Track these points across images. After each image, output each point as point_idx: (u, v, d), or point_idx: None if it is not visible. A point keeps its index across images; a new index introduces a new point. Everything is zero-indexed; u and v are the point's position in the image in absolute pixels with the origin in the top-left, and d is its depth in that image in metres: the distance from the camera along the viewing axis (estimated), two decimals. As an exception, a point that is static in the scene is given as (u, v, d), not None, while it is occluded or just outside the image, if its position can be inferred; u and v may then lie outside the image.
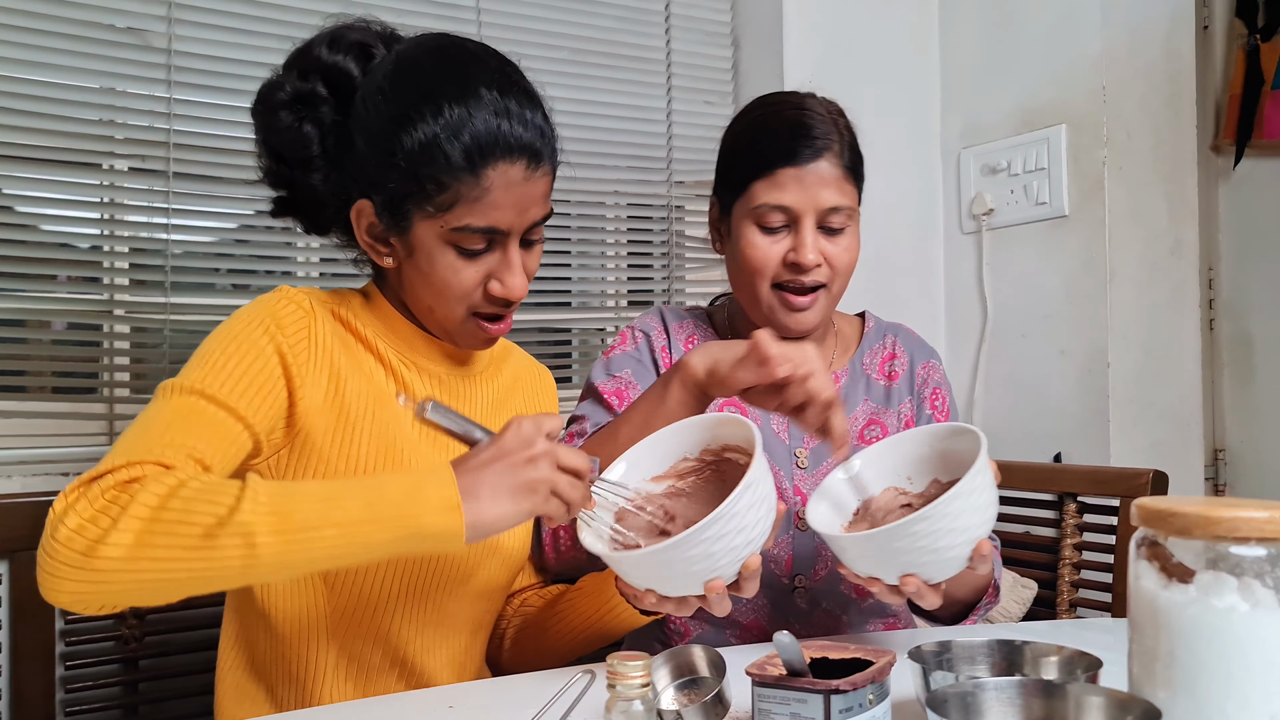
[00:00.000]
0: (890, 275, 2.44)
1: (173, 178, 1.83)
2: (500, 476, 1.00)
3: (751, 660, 0.89)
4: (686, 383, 1.23)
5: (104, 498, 0.95)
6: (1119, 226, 2.22)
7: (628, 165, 2.32)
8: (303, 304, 1.18)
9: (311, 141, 1.19)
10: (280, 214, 1.27)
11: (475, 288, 1.18)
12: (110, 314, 1.81)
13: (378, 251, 1.21)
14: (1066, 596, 1.88)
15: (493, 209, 1.14)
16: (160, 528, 0.93)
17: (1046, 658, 0.95)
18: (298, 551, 0.96)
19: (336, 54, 1.20)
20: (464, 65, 1.16)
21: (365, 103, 1.17)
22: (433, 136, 1.11)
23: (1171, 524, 0.77)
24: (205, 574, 0.95)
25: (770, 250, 1.40)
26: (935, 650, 0.97)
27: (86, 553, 0.93)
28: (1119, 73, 2.24)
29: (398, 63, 1.17)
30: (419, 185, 1.12)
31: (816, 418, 1.15)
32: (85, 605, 0.97)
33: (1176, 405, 2.32)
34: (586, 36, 2.27)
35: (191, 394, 1.08)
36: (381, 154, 1.14)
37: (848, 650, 0.91)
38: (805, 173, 1.38)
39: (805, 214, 1.38)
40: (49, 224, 1.80)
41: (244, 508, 0.94)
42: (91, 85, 1.79)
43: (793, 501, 1.42)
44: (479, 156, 1.12)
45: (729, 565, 1.02)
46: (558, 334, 2.37)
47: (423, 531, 0.98)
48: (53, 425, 1.75)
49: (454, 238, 1.14)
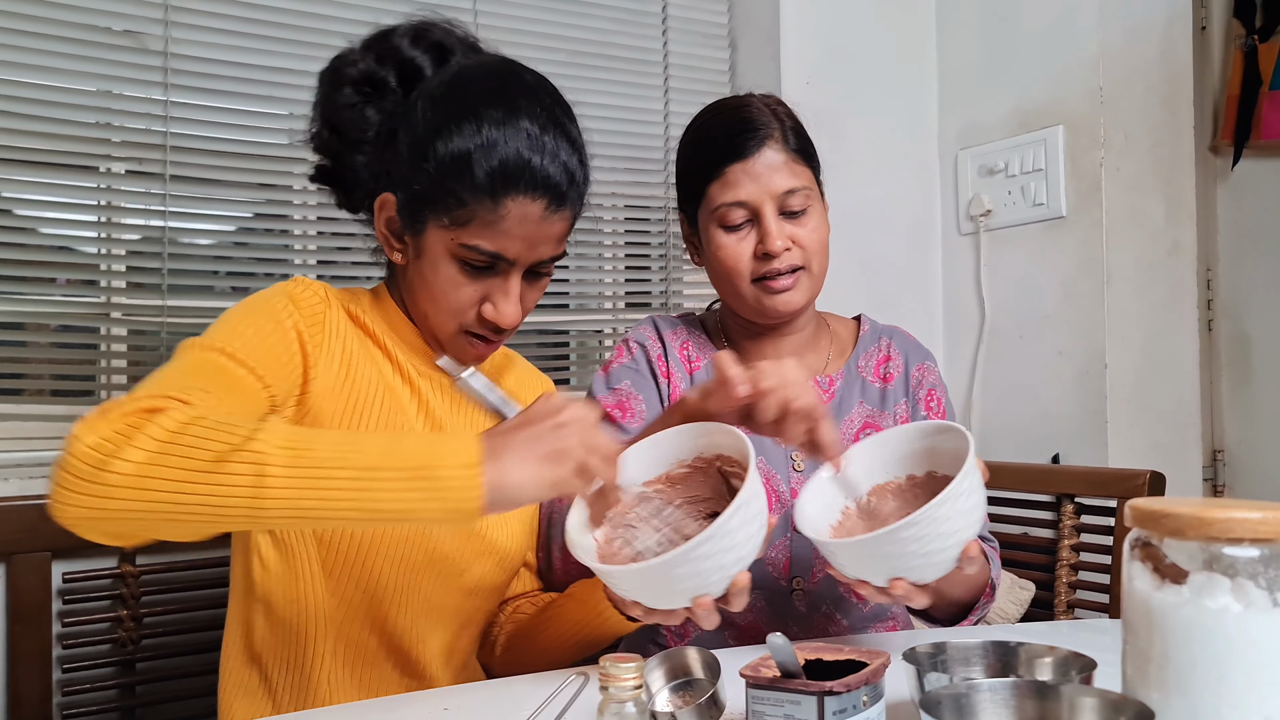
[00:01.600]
0: (888, 276, 2.45)
1: (170, 180, 1.83)
2: (526, 442, 0.98)
3: (746, 662, 0.89)
4: (688, 415, 1.21)
5: (123, 420, 0.94)
6: (1116, 228, 2.22)
7: (625, 167, 2.32)
8: (319, 291, 1.21)
9: (370, 125, 1.22)
10: (317, 180, 1.30)
11: (470, 306, 1.19)
12: (107, 317, 1.81)
13: (391, 245, 1.23)
14: (1064, 598, 1.88)
15: (503, 237, 1.15)
16: (174, 449, 0.93)
17: (1041, 659, 0.95)
18: (308, 492, 0.93)
19: (416, 49, 1.23)
20: (515, 94, 1.18)
21: (418, 102, 1.19)
22: (465, 151, 1.13)
23: (1165, 525, 0.77)
24: (213, 503, 0.93)
25: (739, 248, 1.41)
26: (930, 652, 0.96)
27: (98, 466, 0.91)
28: (1116, 74, 2.24)
29: (459, 74, 1.20)
30: (440, 195, 1.14)
31: (796, 430, 1.13)
32: (92, 526, 0.95)
33: (1174, 406, 2.32)
34: (583, 38, 2.27)
35: (213, 350, 1.09)
36: (416, 155, 1.16)
37: (842, 652, 0.90)
38: (752, 164, 1.39)
39: (763, 203, 1.39)
40: (46, 227, 1.80)
41: (259, 438, 0.93)
42: (88, 88, 1.79)
43: (789, 504, 1.42)
44: (502, 183, 1.13)
45: (718, 582, 1.01)
46: (555, 336, 2.37)
47: (439, 487, 0.94)
48: (50, 428, 1.75)
49: (461, 253, 1.16)
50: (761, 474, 1.43)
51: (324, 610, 1.20)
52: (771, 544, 1.41)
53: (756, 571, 1.36)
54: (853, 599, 1.43)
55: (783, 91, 2.33)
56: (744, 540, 1.00)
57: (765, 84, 2.35)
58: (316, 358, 1.16)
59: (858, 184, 2.41)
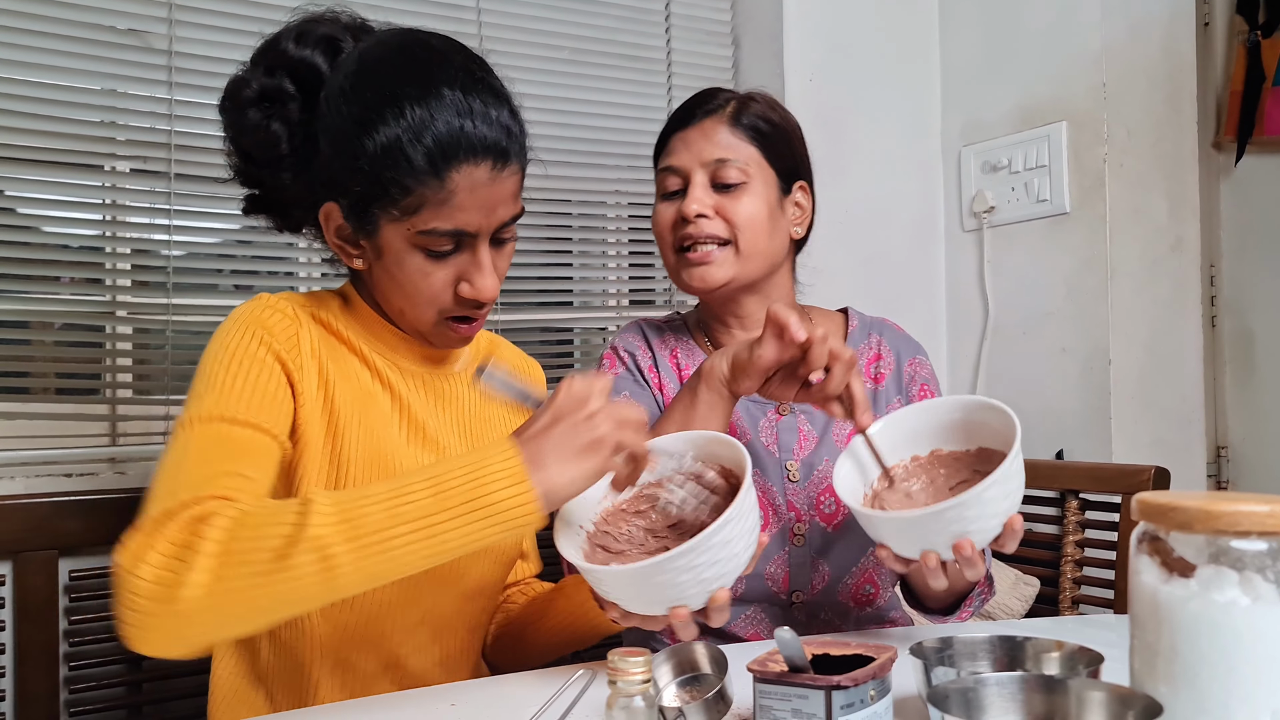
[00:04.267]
0: (891, 273, 2.45)
1: (174, 179, 1.83)
2: (562, 439, 0.97)
3: (753, 657, 0.89)
4: (712, 384, 1.22)
5: (173, 541, 0.93)
6: (1120, 224, 2.22)
7: (629, 165, 2.32)
8: (286, 311, 1.17)
9: (280, 140, 1.17)
10: (251, 212, 1.26)
11: (444, 289, 1.16)
12: (112, 315, 1.81)
13: (347, 253, 1.19)
14: (1069, 594, 1.89)
15: (459, 211, 1.11)
16: (234, 559, 0.91)
17: (1048, 653, 0.95)
18: (375, 560, 0.92)
19: (304, 49, 1.18)
20: (426, 64, 1.12)
21: (329, 103, 1.14)
22: (395, 139, 1.08)
23: (1172, 518, 0.77)
24: (288, 596, 0.92)
25: (666, 213, 1.43)
26: (937, 646, 0.97)
27: (167, 600, 0.91)
28: (1119, 70, 2.24)
29: (361, 61, 1.14)
30: (383, 189, 1.10)
31: (840, 381, 1.15)
32: (177, 650, 0.95)
33: (1178, 402, 2.32)
34: (587, 36, 2.27)
35: (212, 421, 1.06)
36: (345, 157, 1.11)
37: (849, 646, 0.91)
38: (691, 131, 1.41)
39: (693, 169, 1.40)
40: (51, 225, 1.80)
41: (312, 522, 0.91)
42: (93, 87, 1.79)
43: (786, 516, 1.41)
44: (442, 159, 1.09)
45: (696, 596, 1.00)
46: (559, 334, 2.37)
47: (496, 512, 0.94)
48: (55, 427, 1.75)
49: (421, 240, 1.12)
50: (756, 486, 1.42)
51: (319, 631, 1.18)
52: (770, 559, 1.40)
53: (756, 586, 1.36)
54: (852, 605, 1.43)
55: (785, 89, 2.33)
56: (728, 556, 0.99)
57: (768, 81, 2.34)
58: (299, 380, 1.14)
59: (860, 181, 2.41)
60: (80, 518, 1.50)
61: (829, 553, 1.40)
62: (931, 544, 1.07)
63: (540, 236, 2.28)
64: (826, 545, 1.40)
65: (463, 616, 1.27)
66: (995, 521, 1.06)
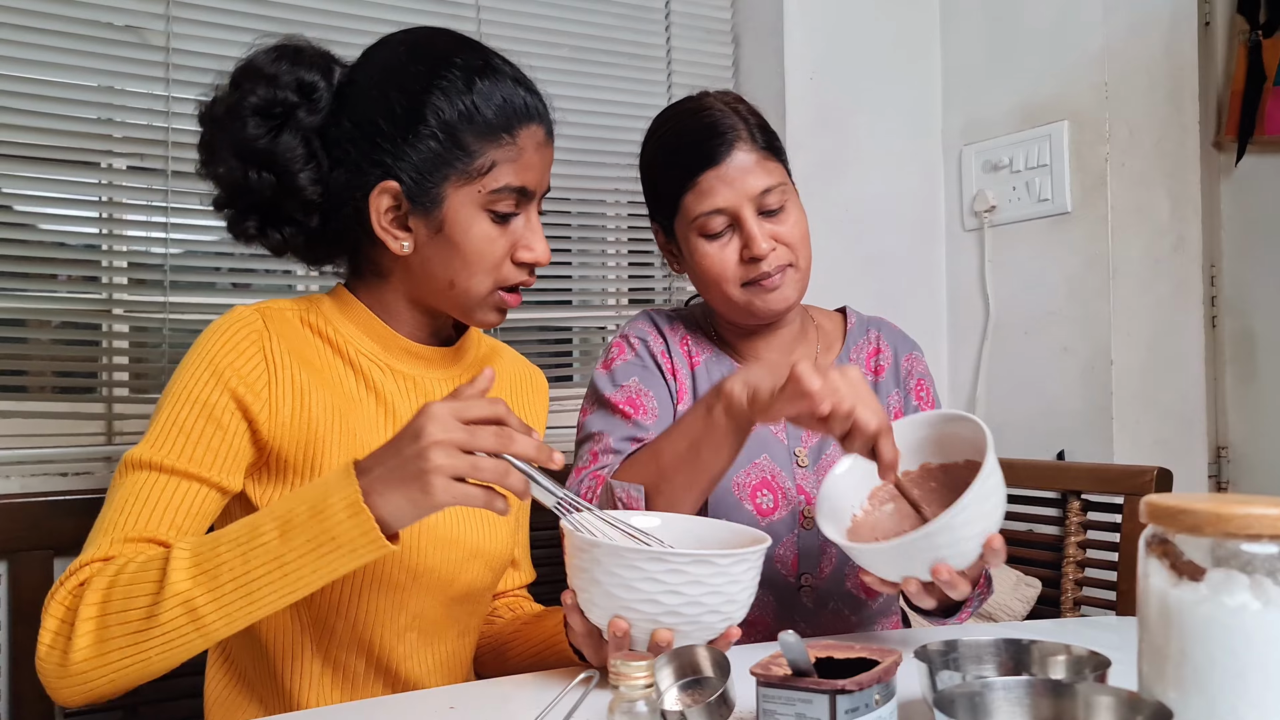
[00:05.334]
0: (891, 273, 2.44)
1: (171, 176, 1.82)
2: (395, 469, 0.97)
3: (756, 660, 0.88)
4: (731, 410, 1.19)
5: (62, 606, 1.03)
6: (1122, 223, 2.21)
7: (628, 163, 2.29)
8: (254, 325, 1.16)
9: (295, 147, 1.17)
10: (273, 246, 1.23)
11: (505, 257, 1.20)
12: (109, 313, 1.80)
13: (394, 237, 1.18)
14: (1071, 595, 1.88)
15: (527, 169, 1.17)
16: (110, 621, 0.99)
17: (1054, 657, 0.94)
18: (239, 603, 0.98)
19: (300, 68, 1.19)
20: (467, 41, 1.21)
21: (371, 91, 1.17)
22: (469, 103, 1.14)
23: (1182, 521, 0.76)
24: (169, 648, 0.99)
25: (723, 255, 1.39)
26: (941, 650, 0.96)
27: (62, 663, 1.00)
28: (1121, 68, 2.23)
29: (389, 49, 1.20)
30: (453, 152, 1.14)
31: (862, 448, 1.12)
32: (91, 701, 1.02)
33: (1180, 403, 2.31)
34: (586, 34, 2.26)
35: (144, 469, 1.10)
36: (406, 131, 1.14)
37: (853, 650, 0.90)
38: (725, 169, 1.37)
39: (742, 207, 1.37)
40: (47, 223, 1.79)
41: (171, 578, 0.97)
42: (90, 84, 1.78)
43: (796, 500, 1.41)
44: (514, 117, 1.16)
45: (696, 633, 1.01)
46: (558, 332, 2.37)
47: (341, 545, 0.96)
48: (51, 425, 1.74)
49: (490, 201, 1.16)
50: (766, 471, 1.42)
51: (308, 635, 1.18)
52: (779, 541, 1.40)
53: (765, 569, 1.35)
54: (861, 595, 1.43)
55: (785, 87, 2.32)
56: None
57: (768, 80, 2.34)
58: (263, 404, 1.13)
59: (861, 180, 2.40)
60: (76, 517, 1.48)
61: None
62: (909, 570, 1.07)
63: (539, 235, 2.26)
64: None
65: (452, 621, 1.26)
66: (971, 545, 1.06)
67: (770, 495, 1.41)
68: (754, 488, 1.41)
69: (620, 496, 1.26)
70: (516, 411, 1.35)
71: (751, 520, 1.39)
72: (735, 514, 1.38)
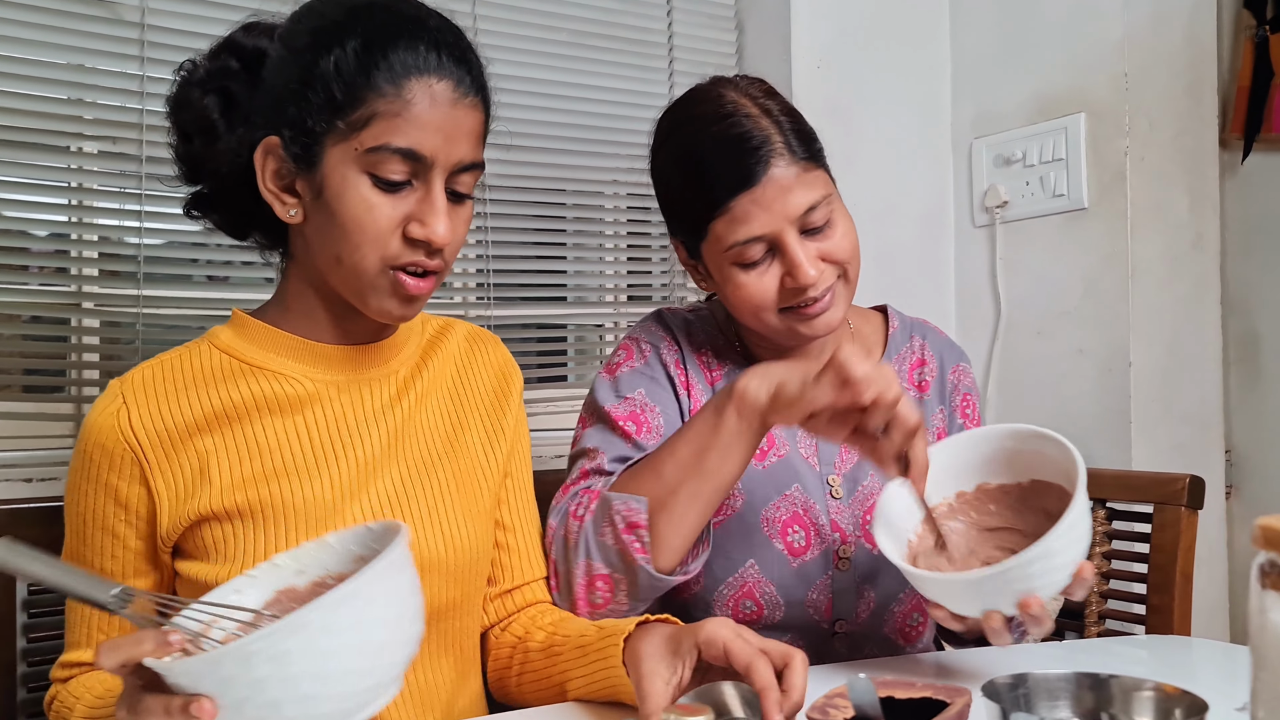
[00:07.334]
0: (899, 271, 2.35)
1: (146, 161, 1.71)
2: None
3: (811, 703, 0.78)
4: (744, 411, 1.10)
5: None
6: (1141, 219, 2.13)
7: (628, 154, 2.22)
8: (118, 408, 1.07)
9: (211, 110, 1.10)
10: (195, 210, 1.19)
11: (392, 231, 1.04)
12: (79, 307, 1.70)
13: (282, 201, 1.08)
14: (1095, 608, 1.79)
15: (414, 128, 1.02)
16: None
17: (1138, 693, 0.85)
18: None
19: (250, 36, 1.12)
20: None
21: (279, 46, 1.09)
22: (352, 50, 1.02)
23: (1307, 548, 0.67)
24: None
25: (763, 283, 1.23)
26: (1010, 684, 0.86)
27: None
28: (1141, 59, 2.15)
29: (308, 4, 1.10)
30: (333, 101, 1.02)
31: (899, 445, 1.03)
32: None
33: (1198, 406, 2.24)
34: (586, 19, 2.17)
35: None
36: (295, 82, 1.04)
37: (915, 688, 0.81)
38: (762, 191, 1.19)
39: (783, 231, 1.20)
40: (12, 210, 1.68)
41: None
42: (58, 61, 1.67)
43: (830, 538, 1.29)
44: (401, 67, 1.02)
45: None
46: (552, 330, 2.27)
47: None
48: (15, 427, 1.63)
49: (369, 161, 1.02)
50: (798, 504, 1.30)
51: None
52: (811, 584, 1.28)
53: (795, 614, 1.25)
54: (900, 640, 1.31)
55: (792, 76, 2.23)
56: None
57: (774, 68, 2.25)
58: (159, 476, 1.06)
59: (868, 173, 2.32)
60: (40, 526, 1.37)
61: (876, 578, 1.29)
62: (995, 604, 0.98)
63: (533, 228, 2.17)
64: (874, 569, 1.29)
65: (427, 642, 1.10)
66: (1063, 574, 0.98)
67: (802, 533, 1.29)
68: (784, 523, 1.29)
69: (619, 510, 1.16)
70: (475, 413, 1.23)
71: (782, 561, 1.28)
72: (764, 553, 1.27)
